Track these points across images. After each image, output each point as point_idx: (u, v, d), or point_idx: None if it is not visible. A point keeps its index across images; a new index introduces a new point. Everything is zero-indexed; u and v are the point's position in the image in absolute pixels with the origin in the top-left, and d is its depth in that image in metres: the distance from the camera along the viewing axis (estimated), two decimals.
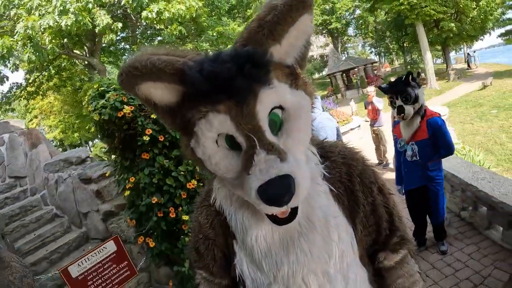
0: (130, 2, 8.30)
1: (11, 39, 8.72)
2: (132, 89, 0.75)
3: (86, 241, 4.36)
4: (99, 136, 3.33)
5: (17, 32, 8.48)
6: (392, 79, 3.62)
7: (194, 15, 9.40)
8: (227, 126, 0.70)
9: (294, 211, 0.77)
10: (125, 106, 2.80)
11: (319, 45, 36.97)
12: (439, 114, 3.16)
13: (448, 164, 3.78)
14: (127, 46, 15.82)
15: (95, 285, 2.93)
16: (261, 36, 0.69)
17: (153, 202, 2.89)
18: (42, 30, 8.45)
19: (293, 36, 0.72)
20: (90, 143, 25.96)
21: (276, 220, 0.77)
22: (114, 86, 3.09)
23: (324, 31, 32.47)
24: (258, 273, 0.89)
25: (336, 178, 0.91)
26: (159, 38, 14.01)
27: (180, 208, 2.96)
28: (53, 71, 14.04)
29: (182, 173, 2.98)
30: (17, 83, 14.76)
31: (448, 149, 3.01)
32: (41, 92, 14.95)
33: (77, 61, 14.50)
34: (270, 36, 0.69)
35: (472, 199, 3.55)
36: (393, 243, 0.99)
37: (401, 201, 3.52)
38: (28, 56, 8.93)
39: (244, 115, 0.68)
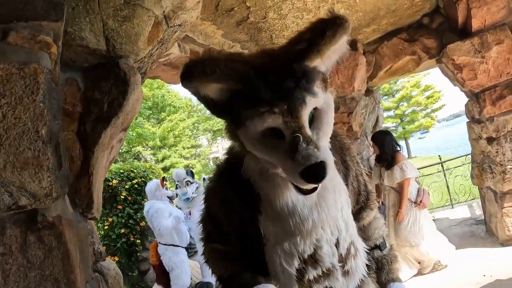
0: None
1: None
2: (190, 87, 0.90)
3: None
4: None
5: None
6: None
7: None
8: (278, 123, 0.89)
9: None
10: (113, 179, 5.42)
11: None
12: None
13: None
14: None
15: None
16: (312, 54, 0.89)
17: (121, 232, 5.30)
18: None
19: (332, 52, 0.93)
20: None
21: (302, 191, 0.96)
22: None
23: None
24: (283, 228, 1.06)
25: (334, 151, 1.13)
26: None
27: (136, 236, 5.42)
28: None
29: (138, 217, 5.54)
30: None
31: None
32: None
33: None
34: (318, 55, 0.89)
35: None
36: (369, 203, 1.30)
37: None
38: None
39: (293, 116, 0.88)
